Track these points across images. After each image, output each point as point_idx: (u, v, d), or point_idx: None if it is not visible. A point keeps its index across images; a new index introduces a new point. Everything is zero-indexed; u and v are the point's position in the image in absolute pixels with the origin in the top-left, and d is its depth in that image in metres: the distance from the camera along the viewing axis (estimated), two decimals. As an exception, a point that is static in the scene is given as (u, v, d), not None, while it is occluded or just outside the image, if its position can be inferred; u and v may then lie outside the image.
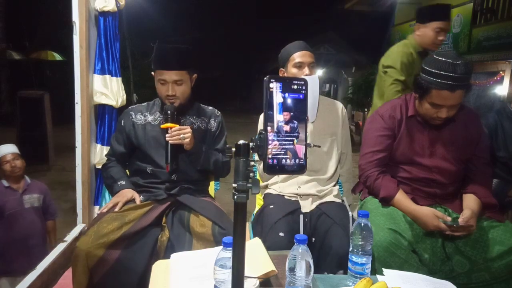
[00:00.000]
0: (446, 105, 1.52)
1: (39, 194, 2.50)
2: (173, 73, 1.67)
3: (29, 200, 2.44)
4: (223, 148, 1.86)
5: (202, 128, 1.83)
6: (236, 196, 0.78)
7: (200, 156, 1.72)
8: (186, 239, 1.56)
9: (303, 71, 1.78)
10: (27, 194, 2.45)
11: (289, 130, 0.80)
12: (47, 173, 5.53)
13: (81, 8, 2.03)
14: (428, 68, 1.52)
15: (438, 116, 1.56)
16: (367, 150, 1.75)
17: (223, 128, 1.90)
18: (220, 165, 1.81)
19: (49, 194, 2.57)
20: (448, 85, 1.46)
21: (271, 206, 1.74)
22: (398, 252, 1.45)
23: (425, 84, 1.53)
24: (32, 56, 11.88)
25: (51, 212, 2.56)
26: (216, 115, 1.89)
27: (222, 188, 2.21)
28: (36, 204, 2.46)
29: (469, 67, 1.48)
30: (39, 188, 2.53)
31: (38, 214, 2.47)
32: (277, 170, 0.80)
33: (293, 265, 1.01)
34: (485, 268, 1.48)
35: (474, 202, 1.60)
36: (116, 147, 1.82)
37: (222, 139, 1.89)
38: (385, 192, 1.65)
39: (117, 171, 1.79)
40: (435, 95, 1.51)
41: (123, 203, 1.63)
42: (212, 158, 1.77)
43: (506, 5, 6.66)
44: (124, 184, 1.73)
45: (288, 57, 1.81)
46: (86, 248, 1.39)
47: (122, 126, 1.81)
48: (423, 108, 1.60)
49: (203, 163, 1.74)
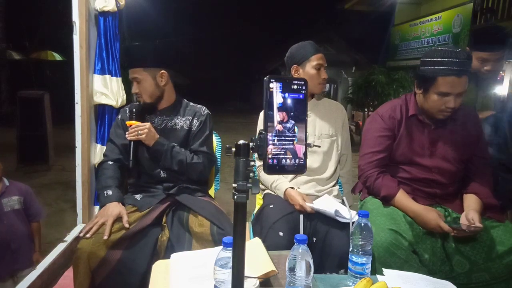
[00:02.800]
0: (454, 93, 1.52)
1: (19, 196, 2.31)
2: (131, 71, 1.72)
3: (8, 203, 2.26)
4: (197, 148, 1.78)
5: (185, 128, 1.80)
6: (236, 196, 0.78)
7: (161, 154, 1.70)
8: (185, 239, 1.56)
9: (320, 73, 1.85)
10: (5, 197, 2.26)
11: (289, 130, 0.80)
12: (47, 173, 5.52)
13: (81, 8, 2.03)
14: (430, 59, 1.54)
15: (447, 107, 1.55)
16: (366, 150, 1.75)
17: (204, 128, 1.81)
18: (184, 166, 1.72)
19: (31, 194, 2.38)
20: (454, 70, 1.48)
21: (270, 206, 1.74)
22: (398, 252, 1.45)
23: (429, 74, 1.53)
24: (32, 56, 11.89)
25: (33, 214, 2.37)
26: (201, 114, 1.83)
27: (222, 188, 2.21)
28: (17, 206, 2.29)
29: (469, 54, 1.52)
30: (18, 189, 2.34)
31: (20, 217, 2.29)
32: (277, 170, 0.80)
33: (293, 265, 1.01)
34: (485, 268, 1.48)
35: (476, 203, 1.60)
36: (117, 141, 1.78)
37: (200, 139, 1.79)
38: (386, 191, 1.65)
39: (108, 175, 1.71)
40: (441, 83, 1.51)
41: (110, 226, 1.48)
42: (177, 158, 1.71)
43: (506, 5, 6.67)
44: (111, 195, 1.62)
45: (307, 57, 1.85)
46: (88, 249, 1.39)
47: (120, 120, 1.82)
48: (430, 101, 1.58)
49: (165, 161, 1.71)
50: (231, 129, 10.76)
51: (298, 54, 1.87)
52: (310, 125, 1.90)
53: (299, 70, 1.87)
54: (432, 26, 8.70)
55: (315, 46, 1.88)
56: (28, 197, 2.36)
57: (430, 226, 1.51)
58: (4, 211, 2.22)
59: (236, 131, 10.49)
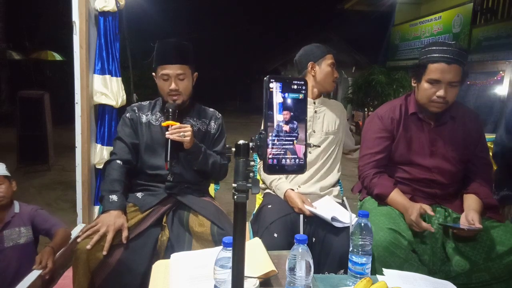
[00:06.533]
0: (444, 81, 1.55)
1: (27, 225, 1.91)
2: (176, 67, 1.67)
3: (11, 236, 1.86)
4: (221, 150, 1.84)
5: (202, 130, 1.83)
6: (236, 196, 0.78)
7: (199, 156, 1.70)
8: (185, 239, 1.56)
9: (334, 72, 1.95)
10: (8, 229, 1.86)
11: (288, 130, 0.80)
12: (47, 173, 5.52)
13: (81, 8, 2.03)
14: (424, 49, 1.62)
15: (438, 96, 1.57)
16: (365, 151, 1.75)
17: (223, 130, 1.89)
18: (218, 167, 1.78)
19: (40, 215, 1.98)
20: (444, 57, 1.53)
21: (269, 206, 1.75)
22: (398, 252, 1.45)
23: (421, 62, 1.59)
24: (32, 56, 11.88)
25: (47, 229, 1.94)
26: (216, 117, 1.88)
27: (222, 188, 2.21)
28: (22, 240, 1.88)
29: (463, 47, 1.57)
30: (28, 215, 1.93)
31: (25, 252, 1.88)
32: (277, 170, 0.80)
33: (293, 265, 1.01)
34: (485, 269, 1.48)
35: (476, 203, 1.60)
36: (126, 139, 1.73)
37: (222, 142, 1.87)
38: (379, 190, 1.66)
39: (116, 178, 1.64)
40: (432, 70, 1.56)
41: (109, 242, 1.41)
42: (211, 159, 1.75)
43: (506, 5, 6.67)
44: (116, 201, 1.55)
45: (324, 55, 1.93)
46: (87, 250, 1.39)
47: (129, 119, 1.78)
48: (422, 90, 1.62)
49: (201, 163, 1.72)
50: (231, 129, 10.72)
51: (314, 52, 1.93)
52: (319, 121, 1.93)
53: (315, 67, 1.92)
54: (432, 26, 8.71)
55: (327, 47, 1.97)
56: (38, 218, 1.97)
57: (407, 220, 1.54)
58: (4, 246, 1.84)
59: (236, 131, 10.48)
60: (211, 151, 1.79)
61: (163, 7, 12.78)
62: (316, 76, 1.91)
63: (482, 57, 7.05)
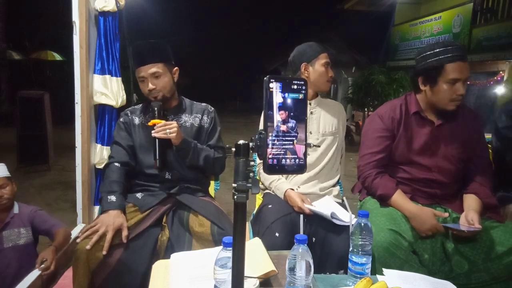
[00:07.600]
0: (462, 78, 1.56)
1: (26, 226, 1.91)
2: (149, 67, 1.69)
3: (10, 237, 1.86)
4: (215, 144, 1.83)
5: (195, 125, 1.82)
6: (236, 196, 0.78)
7: (189, 152, 1.69)
8: (185, 239, 1.56)
9: (328, 71, 1.90)
10: (8, 229, 1.86)
11: (288, 130, 0.80)
12: (47, 173, 5.52)
13: (81, 8, 2.03)
14: (431, 51, 1.59)
15: (458, 95, 1.57)
16: (366, 151, 1.75)
17: (216, 124, 1.87)
18: (211, 161, 1.75)
19: (40, 215, 1.98)
20: (459, 56, 1.55)
21: (269, 205, 1.75)
22: (398, 252, 1.45)
23: (436, 64, 1.57)
24: (32, 56, 11.87)
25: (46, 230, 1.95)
26: (209, 111, 1.87)
27: (222, 188, 2.21)
28: (22, 241, 1.89)
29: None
30: (27, 216, 1.94)
31: (24, 253, 1.88)
32: (277, 170, 0.80)
33: (293, 265, 1.01)
34: (484, 269, 1.47)
35: (476, 203, 1.60)
36: (123, 142, 1.77)
37: (215, 135, 1.85)
38: (382, 190, 1.65)
39: (114, 179, 1.66)
40: (450, 69, 1.55)
41: (109, 242, 1.41)
42: (202, 154, 1.73)
43: (506, 5, 6.67)
44: (115, 201, 1.57)
45: (316, 55, 1.89)
46: (87, 250, 1.39)
47: (123, 123, 1.81)
48: (441, 93, 1.60)
49: (192, 159, 1.71)
50: (231, 129, 10.74)
51: (307, 52, 1.90)
52: (314, 122, 1.92)
53: (308, 68, 1.89)
54: (432, 26, 8.71)
55: (321, 46, 1.94)
56: (37, 219, 1.97)
57: (426, 227, 1.52)
58: (4, 247, 1.85)
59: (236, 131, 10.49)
60: (203, 146, 1.77)
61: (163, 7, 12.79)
62: (310, 77, 1.88)
63: (482, 57, 7.05)
